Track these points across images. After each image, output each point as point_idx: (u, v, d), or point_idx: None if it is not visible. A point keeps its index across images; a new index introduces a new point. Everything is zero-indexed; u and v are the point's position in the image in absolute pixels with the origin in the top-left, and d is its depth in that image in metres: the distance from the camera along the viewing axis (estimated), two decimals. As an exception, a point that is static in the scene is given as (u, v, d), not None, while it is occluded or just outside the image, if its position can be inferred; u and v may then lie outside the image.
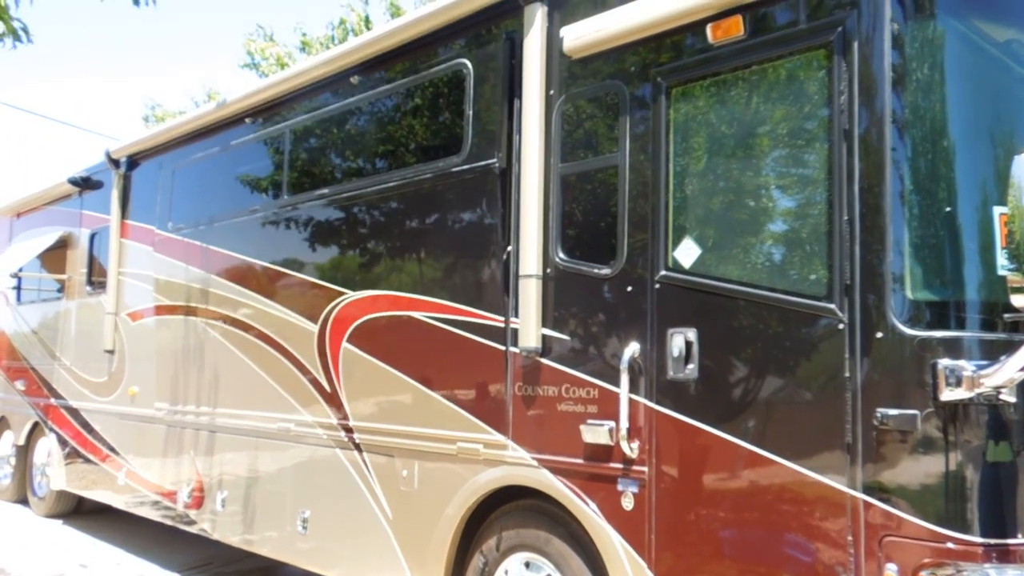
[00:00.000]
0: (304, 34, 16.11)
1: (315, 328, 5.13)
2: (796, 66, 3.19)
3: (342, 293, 4.98)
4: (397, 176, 4.74)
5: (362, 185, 5.00)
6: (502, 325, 4.04)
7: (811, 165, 3.12)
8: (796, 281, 3.11)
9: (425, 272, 4.54)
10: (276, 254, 5.60)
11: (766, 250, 3.24)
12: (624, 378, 3.49)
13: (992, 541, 2.70)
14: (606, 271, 3.68)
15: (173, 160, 6.85)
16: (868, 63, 2.97)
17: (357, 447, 4.79)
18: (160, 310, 6.75)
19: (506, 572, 4.03)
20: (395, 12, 15.10)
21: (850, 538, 2.86)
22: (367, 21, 15.31)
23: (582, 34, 3.82)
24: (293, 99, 5.64)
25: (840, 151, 2.99)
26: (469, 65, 4.36)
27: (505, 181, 4.12)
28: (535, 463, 3.85)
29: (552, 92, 3.98)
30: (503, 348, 4.02)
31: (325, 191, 5.27)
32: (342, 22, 15.54)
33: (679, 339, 3.37)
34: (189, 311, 6.37)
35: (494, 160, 4.11)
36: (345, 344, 4.90)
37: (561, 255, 3.87)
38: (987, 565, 2.68)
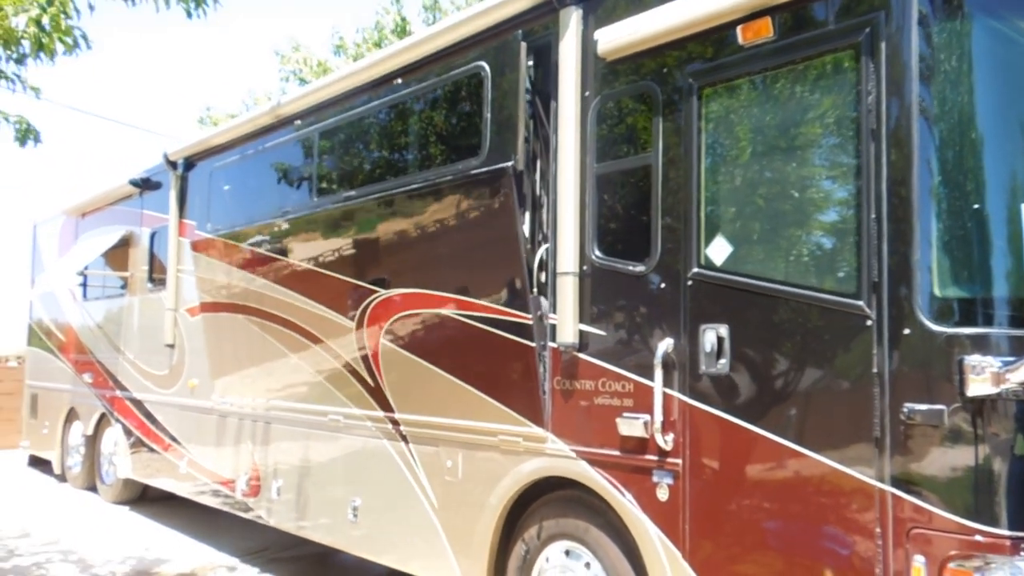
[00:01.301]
0: (341, 38, 16.42)
1: (352, 325, 5.31)
2: (825, 66, 3.23)
3: (374, 291, 5.15)
4: (420, 178, 4.89)
5: (386, 187, 5.16)
6: (530, 322, 4.15)
7: (839, 164, 3.17)
8: (825, 278, 3.16)
9: (453, 271, 4.68)
10: (311, 253, 5.78)
11: (796, 248, 3.30)
12: (658, 373, 3.58)
13: (1021, 534, 2.73)
14: (640, 268, 3.77)
15: (223, 162, 7.11)
16: (896, 63, 3.00)
17: (403, 438, 4.96)
18: (216, 307, 7.01)
19: (547, 559, 4.16)
20: (430, 7, 15.24)
21: (878, 530, 2.92)
22: (404, 23, 15.51)
23: (616, 36, 3.90)
24: (335, 103, 5.79)
25: (868, 151, 3.03)
26: (487, 68, 4.46)
27: (521, 182, 4.23)
28: (573, 455, 3.97)
29: (587, 93, 4.07)
30: (534, 344, 4.13)
31: (353, 193, 5.45)
32: (377, 25, 15.80)
33: (711, 335, 3.45)
34: (241, 308, 6.61)
35: (511, 162, 4.21)
36: (382, 340, 5.07)
37: (597, 253, 3.96)
38: (1016, 558, 2.72)
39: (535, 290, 4.23)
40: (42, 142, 6.44)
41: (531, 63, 4.33)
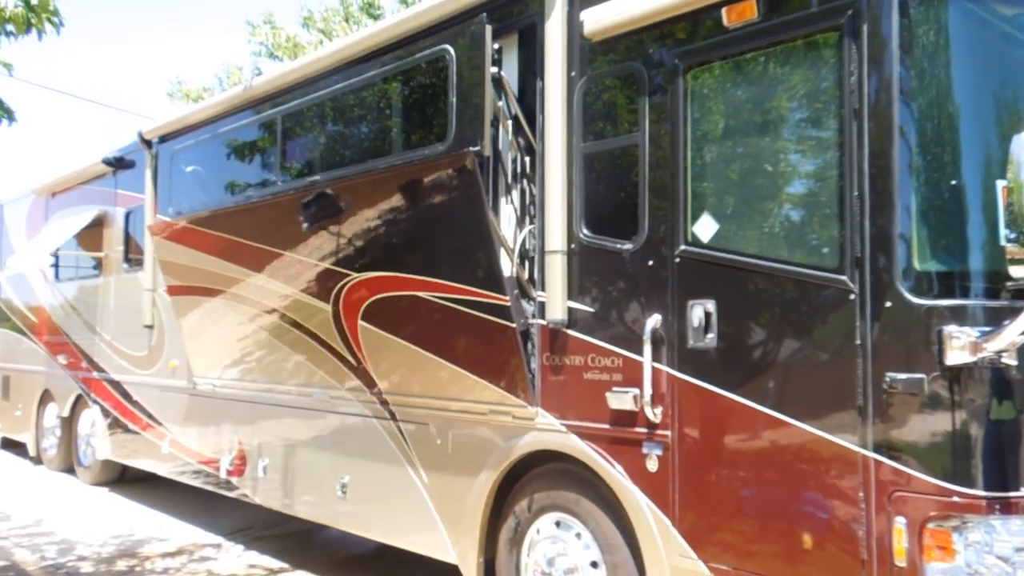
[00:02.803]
0: (309, 10, 16.28)
1: (329, 308, 5.31)
2: (808, 47, 3.32)
3: (346, 275, 5.14)
4: (384, 162, 4.89)
5: (350, 172, 5.18)
6: (508, 303, 4.14)
7: (822, 144, 3.27)
8: (809, 254, 3.27)
9: (427, 254, 4.68)
10: (288, 235, 5.67)
11: (780, 225, 3.40)
12: (647, 347, 3.68)
13: (995, 494, 2.89)
14: (628, 246, 3.85)
15: (185, 144, 7.04)
16: (877, 44, 3.10)
17: (393, 417, 5.03)
18: (194, 289, 6.97)
19: (538, 531, 4.26)
20: None
21: (861, 494, 3.06)
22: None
23: (602, 17, 3.95)
24: (306, 86, 5.72)
25: (850, 130, 3.14)
26: (452, 52, 4.43)
27: (486, 166, 4.27)
28: (564, 429, 4.06)
29: (573, 73, 4.12)
30: (514, 324, 4.14)
31: (325, 176, 5.41)
32: (343, 1, 15.72)
33: (699, 310, 3.55)
34: (220, 291, 6.56)
35: (477, 147, 4.17)
36: (361, 322, 5.08)
37: (585, 231, 4.04)
38: (991, 517, 2.87)
39: (512, 271, 4.29)
40: (17, 121, 6.35)
41: (497, 46, 4.32)
